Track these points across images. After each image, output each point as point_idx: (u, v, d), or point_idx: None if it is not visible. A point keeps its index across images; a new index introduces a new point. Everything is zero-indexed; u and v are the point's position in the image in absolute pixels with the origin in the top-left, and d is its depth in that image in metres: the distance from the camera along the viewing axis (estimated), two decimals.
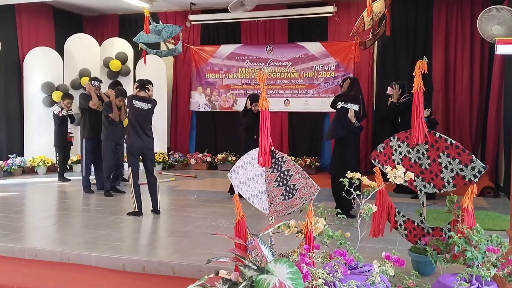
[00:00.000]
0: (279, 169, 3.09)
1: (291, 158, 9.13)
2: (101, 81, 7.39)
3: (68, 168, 8.85)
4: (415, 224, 3.59)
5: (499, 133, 7.42)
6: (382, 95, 9.14)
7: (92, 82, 7.19)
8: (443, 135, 3.38)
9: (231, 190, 6.14)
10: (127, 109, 5.95)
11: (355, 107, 5.65)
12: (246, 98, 6.88)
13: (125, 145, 7.13)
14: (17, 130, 9.31)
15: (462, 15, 8.52)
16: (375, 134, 9.14)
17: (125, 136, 7.16)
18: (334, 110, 6.83)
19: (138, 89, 5.77)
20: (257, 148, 3.17)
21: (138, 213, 5.59)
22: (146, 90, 5.80)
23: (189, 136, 10.50)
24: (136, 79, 5.97)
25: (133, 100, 5.67)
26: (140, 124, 5.66)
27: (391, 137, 3.66)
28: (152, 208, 5.75)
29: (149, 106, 5.73)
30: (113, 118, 6.88)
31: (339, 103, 5.81)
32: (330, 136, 6.05)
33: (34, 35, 9.61)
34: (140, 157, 5.81)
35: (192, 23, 9.93)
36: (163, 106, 9.94)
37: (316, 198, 2.99)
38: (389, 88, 7.18)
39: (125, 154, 7.17)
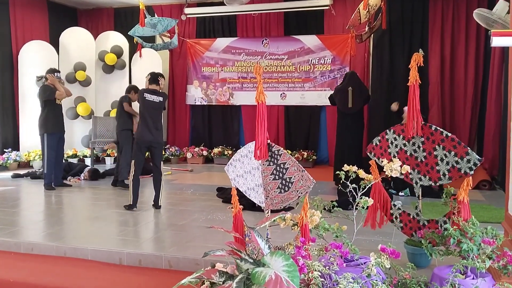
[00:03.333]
0: (275, 162, 3.09)
1: (288, 152, 9.14)
2: (59, 72, 7.33)
3: None
4: (411, 216, 3.60)
5: (500, 126, 7.41)
6: (377, 88, 9.17)
7: (55, 74, 7.07)
8: (438, 128, 3.38)
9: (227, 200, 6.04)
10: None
11: None
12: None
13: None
14: (11, 124, 9.27)
15: (458, 8, 8.53)
16: (371, 126, 9.14)
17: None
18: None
19: (149, 82, 5.79)
20: (254, 142, 3.16)
21: (132, 206, 5.57)
22: (159, 83, 5.81)
23: (187, 130, 10.48)
24: (149, 72, 6.00)
25: (145, 93, 5.68)
26: (151, 117, 5.67)
27: (387, 130, 3.66)
28: (153, 203, 5.75)
29: (160, 99, 5.75)
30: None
31: None
32: None
33: (28, 28, 9.55)
34: (148, 151, 5.80)
35: (188, 16, 9.88)
36: None
37: (312, 191, 2.99)
38: None
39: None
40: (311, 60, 9.55)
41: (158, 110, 5.77)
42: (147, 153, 5.91)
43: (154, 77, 5.81)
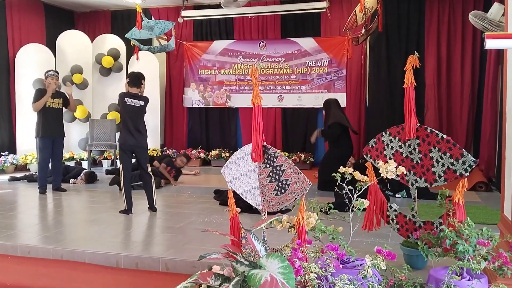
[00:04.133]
0: (272, 164, 3.10)
1: (285, 154, 9.24)
2: (56, 71, 7.17)
3: None
4: (407, 218, 3.61)
5: (496, 128, 7.44)
6: (374, 90, 9.20)
7: (46, 74, 6.97)
8: (434, 130, 3.40)
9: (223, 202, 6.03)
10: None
11: None
12: None
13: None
14: (8, 127, 9.25)
15: (454, 10, 8.57)
16: (369, 128, 9.19)
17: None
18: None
19: (129, 85, 5.64)
20: (250, 144, 3.17)
21: (127, 211, 5.53)
22: (140, 86, 5.66)
23: (184, 133, 10.49)
24: (128, 73, 5.82)
25: (125, 98, 5.57)
26: (132, 121, 5.55)
27: (383, 132, 3.68)
28: (148, 206, 5.73)
29: (141, 103, 5.64)
30: None
31: None
32: None
33: (25, 31, 9.54)
34: (133, 154, 5.75)
35: (185, 19, 9.89)
36: (156, 102, 9.92)
37: (308, 193, 3.00)
38: None
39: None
40: (308, 62, 9.58)
41: (139, 114, 5.63)
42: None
43: (134, 81, 5.63)
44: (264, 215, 3.20)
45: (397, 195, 6.40)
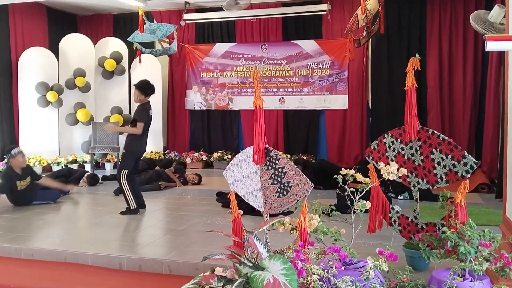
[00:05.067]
0: (274, 166, 3.11)
1: (287, 156, 9.29)
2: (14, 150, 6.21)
3: None
4: (409, 220, 3.62)
5: (498, 129, 7.42)
6: (376, 92, 9.20)
7: (13, 151, 6.16)
8: (435, 132, 3.40)
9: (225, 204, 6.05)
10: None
11: None
12: None
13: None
14: (10, 131, 9.28)
15: (455, 12, 8.58)
16: (372, 130, 9.21)
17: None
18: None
19: (144, 95, 5.72)
20: (252, 146, 3.19)
21: (136, 210, 5.61)
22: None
23: (186, 135, 10.51)
24: (138, 82, 5.79)
25: (149, 110, 5.73)
26: (148, 130, 5.79)
27: (385, 134, 3.69)
28: (140, 204, 5.79)
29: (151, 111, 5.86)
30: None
31: None
32: None
33: (28, 35, 9.58)
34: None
35: (187, 22, 9.93)
36: (159, 105, 9.94)
37: (310, 195, 3.01)
38: None
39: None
40: (310, 64, 9.59)
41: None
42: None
43: (146, 90, 5.70)
44: (266, 217, 3.21)
45: (399, 197, 6.41)
